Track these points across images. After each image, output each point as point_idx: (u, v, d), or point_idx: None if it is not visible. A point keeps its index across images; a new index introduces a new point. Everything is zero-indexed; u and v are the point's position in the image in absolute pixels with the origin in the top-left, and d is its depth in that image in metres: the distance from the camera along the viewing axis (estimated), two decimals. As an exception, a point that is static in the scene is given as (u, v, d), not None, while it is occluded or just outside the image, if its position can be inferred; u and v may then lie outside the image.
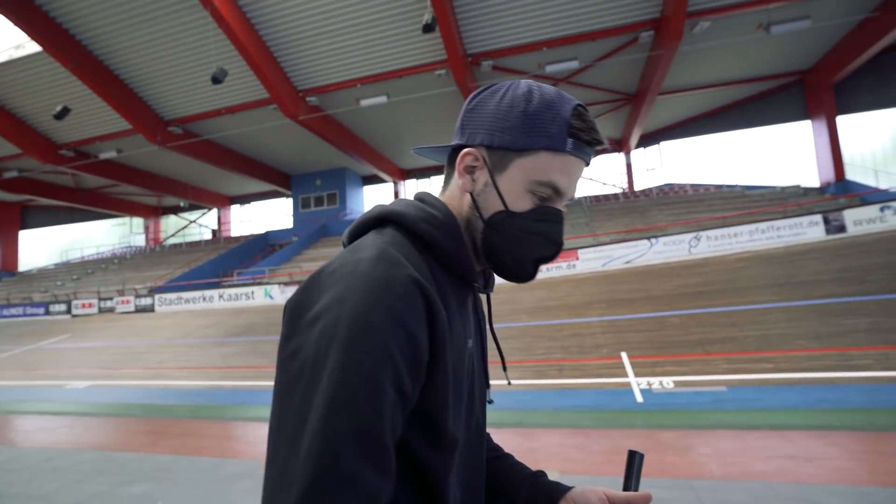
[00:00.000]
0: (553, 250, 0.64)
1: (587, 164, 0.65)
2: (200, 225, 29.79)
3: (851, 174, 16.77)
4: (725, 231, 13.07)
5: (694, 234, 13.26)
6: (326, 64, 14.18)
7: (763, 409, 4.66)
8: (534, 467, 0.79)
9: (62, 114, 14.21)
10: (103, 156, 18.33)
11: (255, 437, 5.04)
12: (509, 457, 0.84)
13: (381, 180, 24.85)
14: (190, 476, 3.82)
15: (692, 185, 21.00)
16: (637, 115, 17.34)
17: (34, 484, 3.81)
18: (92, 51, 13.82)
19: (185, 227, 29.99)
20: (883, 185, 16.18)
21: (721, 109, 19.71)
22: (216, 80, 12.61)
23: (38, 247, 29.93)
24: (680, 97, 17.82)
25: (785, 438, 3.88)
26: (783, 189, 17.65)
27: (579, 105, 0.63)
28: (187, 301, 17.45)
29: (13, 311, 20.17)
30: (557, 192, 0.63)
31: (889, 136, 17.93)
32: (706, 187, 20.49)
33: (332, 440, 0.46)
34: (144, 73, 14.76)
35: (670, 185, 21.64)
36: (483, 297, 0.80)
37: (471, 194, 0.65)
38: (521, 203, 0.63)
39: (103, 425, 5.91)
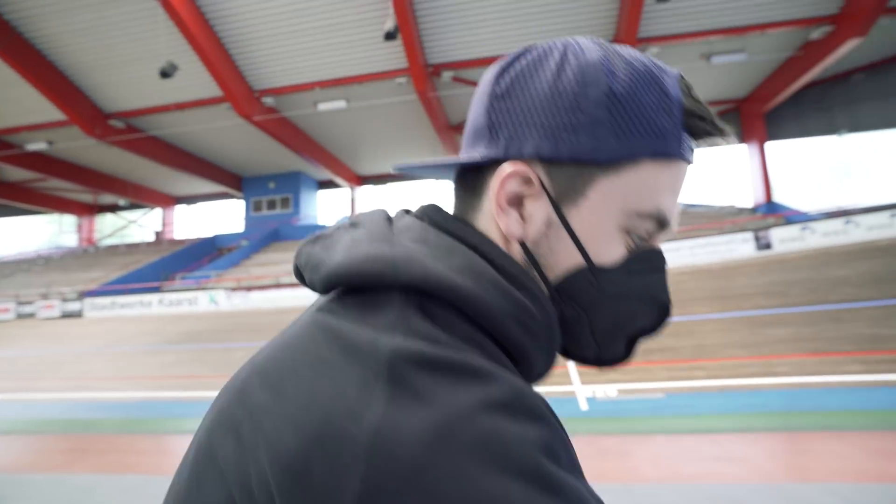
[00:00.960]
0: (660, 318, 0.43)
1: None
2: (141, 226, 28.13)
3: (779, 196, 18.23)
4: (670, 245, 13.80)
5: (639, 248, 13.90)
6: (284, 65, 13.87)
7: (696, 414, 4.92)
8: None
9: (-18, 99, 13.07)
10: (31, 147, 16.96)
11: (191, 449, 4.77)
12: None
13: (337, 185, 24.49)
14: (112, 497, 3.55)
15: (639, 202, 22.11)
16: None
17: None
18: (22, 33, 12.84)
19: (124, 227, 28.23)
20: (804, 208, 17.69)
21: (666, 131, 20.96)
22: (165, 74, 12.03)
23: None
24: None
25: (714, 441, 4.11)
26: (721, 208, 18.91)
27: (682, 76, 0.42)
28: (123, 306, 16.36)
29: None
30: (663, 224, 0.40)
31: (809, 163, 19.67)
32: (651, 204, 21.63)
33: None
34: (83, 62, 13.85)
35: (619, 201, 22.69)
36: None
37: (521, 242, 0.40)
38: (611, 251, 0.39)
39: (11, 444, 5.40)
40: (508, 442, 0.27)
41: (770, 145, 18.37)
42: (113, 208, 27.68)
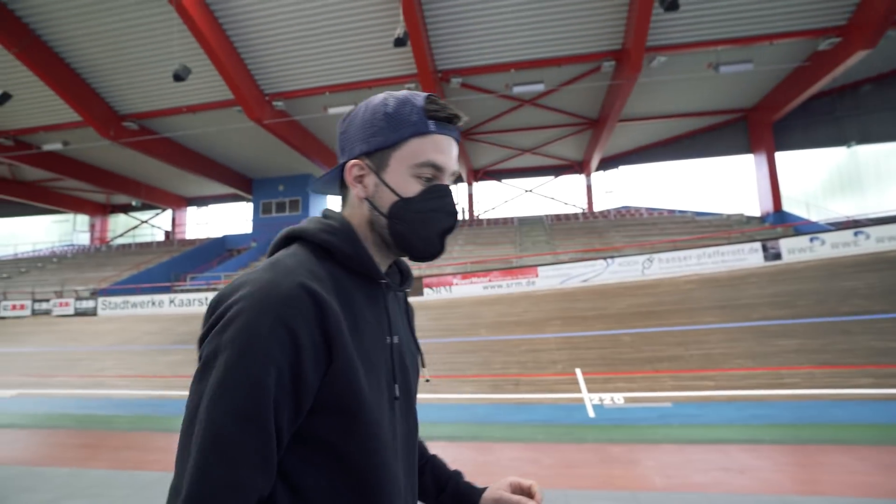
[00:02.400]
0: (452, 220, 0.72)
1: (457, 141, 0.74)
2: (153, 226, 28.44)
3: (787, 206, 18.14)
4: (676, 254, 13.78)
5: (647, 256, 13.89)
6: (295, 69, 14.06)
7: (704, 424, 4.94)
8: (488, 481, 0.87)
9: (1, 99, 13.32)
10: (47, 147, 17.26)
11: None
12: (434, 456, 0.93)
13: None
14: (129, 492, 3.64)
15: (647, 209, 22.05)
16: (598, 139, 18.13)
17: (-47, 500, 3.52)
18: (40, 35, 13.11)
19: (136, 227, 28.56)
20: (813, 218, 17.58)
21: (674, 139, 20.92)
22: (178, 77, 12.23)
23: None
24: (638, 125, 18.80)
25: (722, 452, 4.13)
26: (728, 216, 18.84)
27: (431, 94, 0.73)
28: (134, 305, 16.56)
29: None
30: (438, 168, 0.70)
31: (819, 173, 19.56)
32: (660, 211, 21.55)
33: (214, 438, 0.54)
34: (99, 64, 14.11)
35: (627, 208, 22.63)
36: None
37: (367, 199, 0.72)
38: (410, 189, 0.70)
39: (30, 438, 5.52)
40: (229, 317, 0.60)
41: (779, 155, 18.29)
42: (125, 208, 28.04)
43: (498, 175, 24.05)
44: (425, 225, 0.70)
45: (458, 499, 0.85)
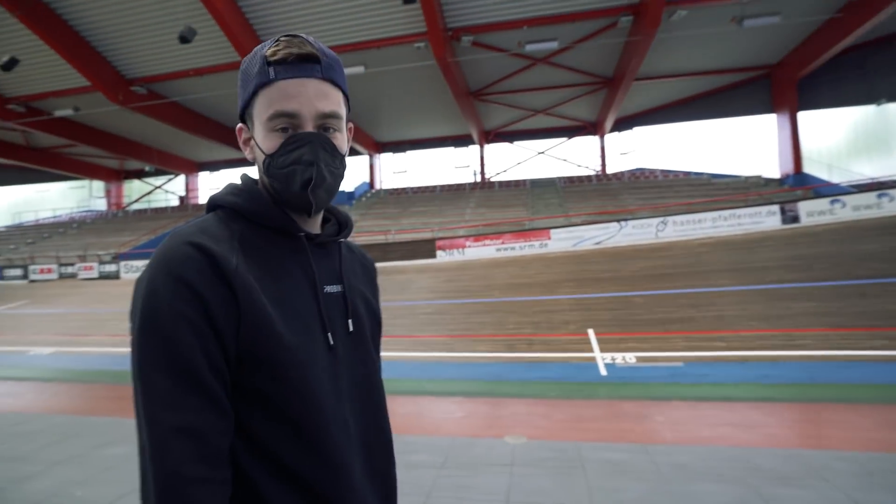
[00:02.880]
0: (311, 170, 0.67)
1: (317, 77, 0.68)
2: (167, 191, 28.70)
3: (808, 168, 17.66)
4: (691, 217, 13.64)
5: (661, 219, 13.77)
6: (302, 28, 13.71)
7: (714, 382, 5.05)
8: (502, 434, 0.93)
9: (9, 65, 13.24)
10: (58, 113, 17.30)
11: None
12: None
13: (357, 152, 24.49)
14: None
15: (662, 171, 21.65)
16: (613, 99, 17.63)
17: (8, 446, 3.80)
18: (44, -1, 12.89)
19: (150, 192, 28.85)
20: (835, 180, 17.13)
21: (692, 98, 20.25)
22: (184, 39, 12.04)
23: (-13, 208, 28.24)
24: (654, 84, 18.19)
25: (730, 409, 4.25)
26: (746, 179, 18.45)
27: (283, 36, 0.69)
28: (152, 269, 16.96)
29: (-38, 274, 19.14)
30: (289, 115, 0.67)
31: (843, 133, 18.88)
32: (675, 173, 21.15)
33: (153, 390, 0.58)
34: (104, 27, 13.90)
35: (641, 170, 22.24)
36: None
37: (254, 161, 0.73)
38: (271, 144, 0.68)
39: (71, 391, 5.84)
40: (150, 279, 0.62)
41: (802, 115, 17.65)
42: (139, 174, 28.26)
43: (510, 137, 23.64)
44: (289, 179, 0.68)
45: None
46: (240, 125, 0.74)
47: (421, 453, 3.40)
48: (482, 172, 23.98)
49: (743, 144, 21.09)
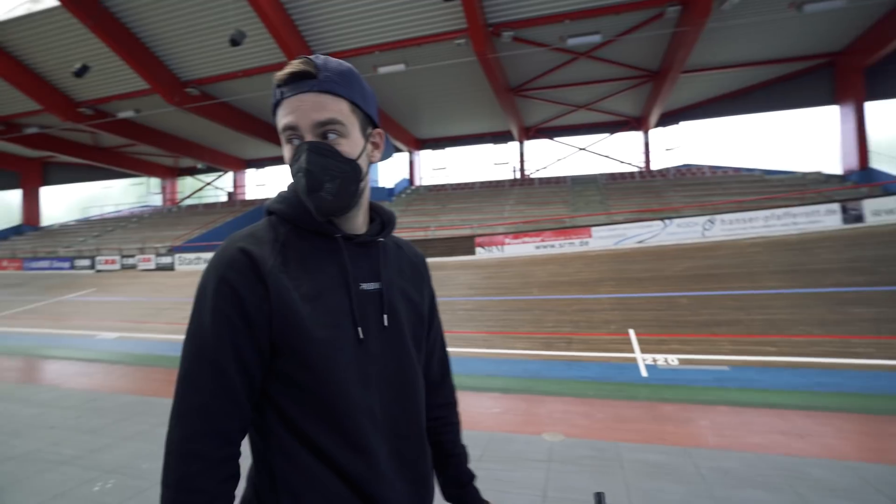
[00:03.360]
0: (304, 179, 0.74)
1: (313, 90, 0.74)
2: (216, 187, 30.10)
3: (876, 162, 16.45)
4: (741, 216, 13.03)
5: (708, 218, 13.24)
6: (344, 29, 14.03)
7: (763, 388, 4.86)
8: (540, 431, 0.99)
9: (81, 71, 14.26)
10: (122, 115, 18.47)
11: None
12: (459, 453, 0.98)
13: (397, 149, 24.83)
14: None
15: (710, 168, 20.74)
16: (658, 93, 17.04)
17: (83, 420, 4.16)
18: (110, 8, 13.79)
19: (202, 188, 30.34)
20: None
21: (745, 91, 19.25)
22: (234, 42, 12.58)
23: (59, 202, 30.52)
24: (703, 76, 17.43)
25: (781, 416, 4.08)
26: (804, 175, 17.41)
27: (295, 59, 0.77)
28: (206, 261, 17.81)
29: (40, 263, 20.83)
30: (291, 128, 0.75)
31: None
32: (724, 170, 20.23)
33: (185, 372, 0.72)
34: (163, 33, 14.72)
35: (688, 167, 21.39)
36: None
37: None
38: (287, 155, 0.78)
39: (135, 373, 6.30)
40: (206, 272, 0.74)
41: (869, 106, 16.44)
42: (191, 171, 29.77)
43: (550, 133, 23.30)
44: (297, 186, 0.77)
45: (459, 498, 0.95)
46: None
47: (459, 446, 3.48)
48: (522, 169, 23.77)
49: (800, 138, 19.86)
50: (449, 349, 1.07)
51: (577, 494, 2.78)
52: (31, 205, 28.36)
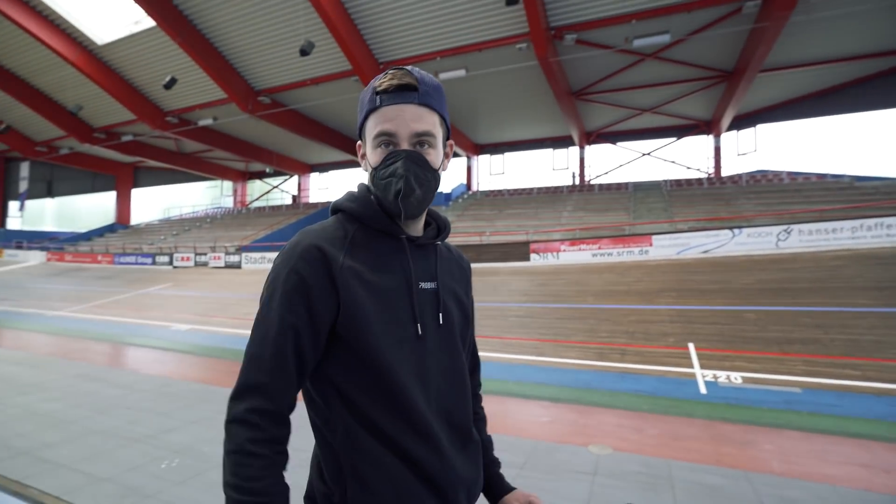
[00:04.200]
0: (401, 183, 0.78)
1: (414, 103, 0.80)
2: (282, 190, 31.80)
3: None
4: (823, 226, 11.93)
5: (784, 227, 12.24)
6: (408, 36, 14.39)
7: (842, 415, 4.42)
8: (587, 443, 1.00)
9: (170, 84, 15.66)
10: (202, 123, 20.06)
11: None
12: (486, 439, 1.04)
13: (456, 154, 25.04)
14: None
15: (789, 173, 19.15)
16: (732, 94, 16.00)
17: (157, 402, 4.56)
18: (196, 24, 15.03)
19: (269, 191, 32.16)
20: None
21: (835, 89, 17.59)
22: (304, 52, 13.28)
23: (146, 204, 33.52)
24: (784, 75, 16.14)
25: (862, 447, 3.70)
26: (902, 181, 15.64)
27: (391, 69, 0.81)
28: (270, 261, 18.97)
29: (128, 259, 23.06)
30: (388, 134, 0.80)
31: None
32: (806, 176, 18.59)
33: (252, 352, 0.77)
34: (239, 46, 15.83)
35: (763, 173, 19.87)
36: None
37: (366, 171, 0.87)
38: (376, 158, 0.82)
39: (203, 363, 6.79)
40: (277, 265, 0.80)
41: None
42: (260, 175, 31.69)
43: (612, 137, 22.54)
44: (386, 189, 0.80)
45: (487, 483, 0.98)
46: (358, 142, 0.89)
47: (502, 452, 3.45)
48: (581, 174, 23.16)
49: (899, 142, 17.87)
50: (499, 355, 1.12)
51: (621, 511, 2.67)
52: (123, 205, 31.40)
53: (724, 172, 20.78)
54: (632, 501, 0.77)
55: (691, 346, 6.72)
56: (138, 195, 32.65)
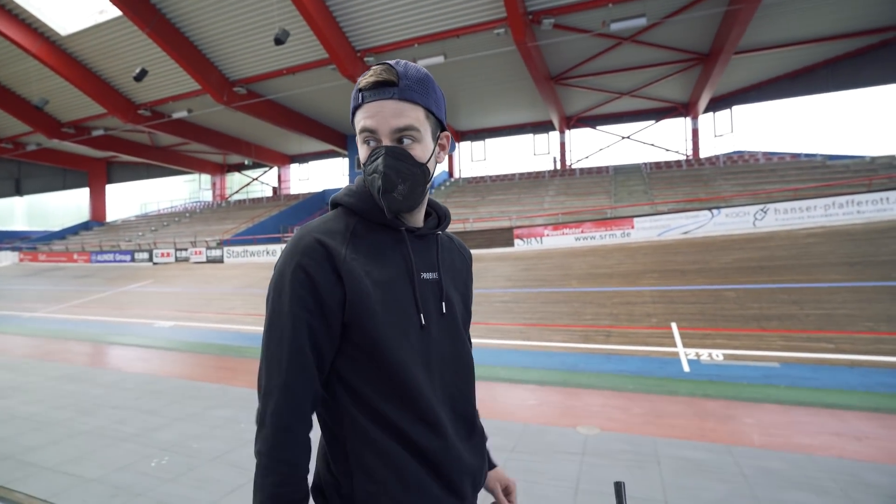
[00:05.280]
0: (380, 180, 0.79)
1: (393, 98, 0.79)
2: (262, 182, 31.27)
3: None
4: (797, 204, 12.26)
5: (761, 207, 12.53)
6: (384, 23, 14.15)
7: (816, 387, 4.59)
8: (575, 424, 1.03)
9: (140, 76, 15.14)
10: (176, 115, 19.48)
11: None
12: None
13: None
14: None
15: (764, 154, 19.56)
16: (708, 76, 16.20)
17: (142, 401, 4.49)
18: (165, 13, 14.51)
19: (249, 184, 31.60)
20: None
21: (807, 69, 17.94)
22: (278, 41, 12.95)
23: (121, 200, 32.63)
24: (759, 56, 16.38)
25: (835, 417, 3.86)
26: (873, 160, 16.10)
27: (376, 65, 0.81)
28: (252, 254, 18.72)
29: (105, 256, 22.47)
30: (370, 131, 0.81)
31: None
32: (781, 156, 19.01)
33: (269, 354, 0.77)
34: (212, 35, 15.36)
35: (740, 153, 20.26)
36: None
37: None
38: (363, 154, 0.84)
39: (187, 359, 6.70)
40: (281, 261, 0.81)
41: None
42: (239, 167, 31.07)
43: (592, 121, 22.66)
44: (372, 185, 0.81)
45: None
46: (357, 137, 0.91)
47: (492, 436, 3.50)
48: (562, 159, 23.27)
49: (869, 120, 18.32)
50: (485, 341, 1.13)
51: (610, 488, 2.74)
52: (97, 202, 30.52)
53: (703, 154, 21.12)
54: (621, 480, 0.79)
55: (674, 325, 6.87)
56: (113, 191, 31.76)
